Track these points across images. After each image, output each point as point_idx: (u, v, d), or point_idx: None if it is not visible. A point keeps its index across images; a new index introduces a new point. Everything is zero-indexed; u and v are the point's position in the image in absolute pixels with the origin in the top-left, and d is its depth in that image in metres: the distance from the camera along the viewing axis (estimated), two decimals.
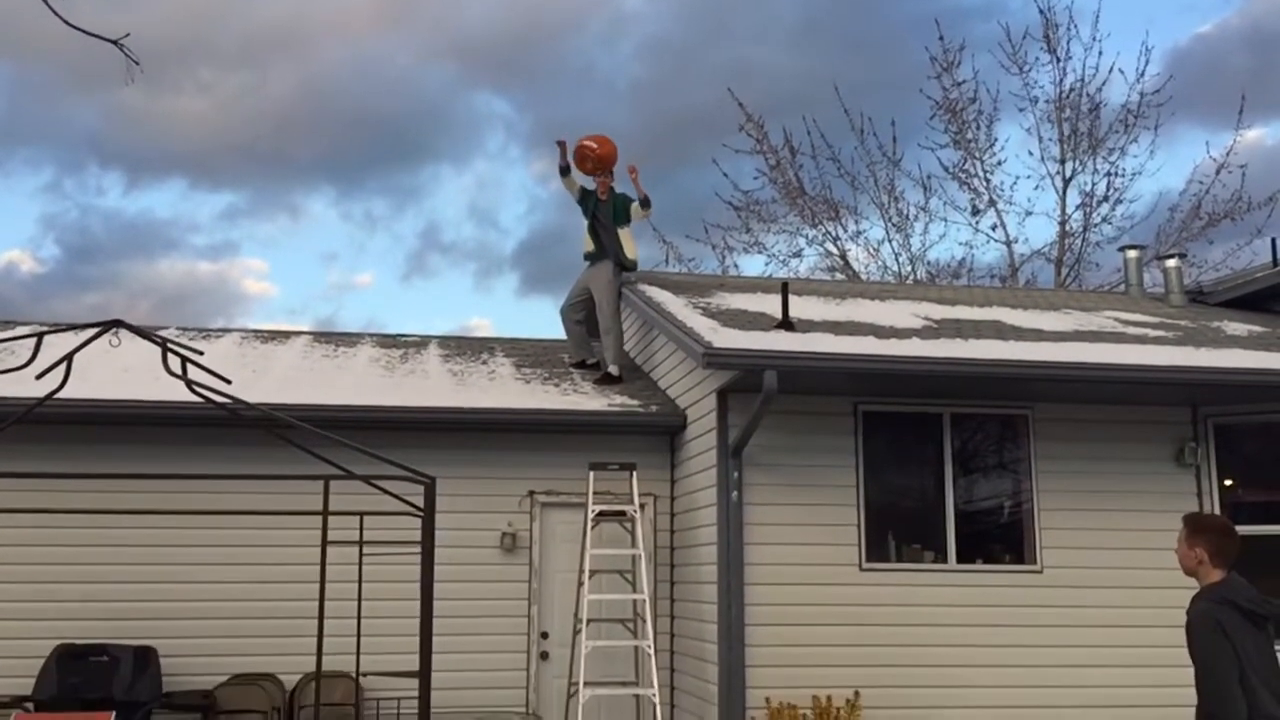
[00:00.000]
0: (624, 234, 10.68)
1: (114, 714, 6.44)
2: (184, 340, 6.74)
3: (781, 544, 8.18)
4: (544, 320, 56.21)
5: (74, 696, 7.87)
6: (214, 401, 5.55)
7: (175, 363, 5.49)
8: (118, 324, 5.56)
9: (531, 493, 9.80)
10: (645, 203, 10.65)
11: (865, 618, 8.14)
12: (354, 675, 7.30)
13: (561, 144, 10.82)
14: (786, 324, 8.24)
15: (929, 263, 20.43)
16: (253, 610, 9.03)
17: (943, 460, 8.55)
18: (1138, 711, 8.16)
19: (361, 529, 5.76)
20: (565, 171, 10.86)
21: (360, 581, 5.55)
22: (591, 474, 9.10)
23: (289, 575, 8.83)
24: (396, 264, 44.63)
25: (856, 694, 7.83)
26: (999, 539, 8.69)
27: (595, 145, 10.50)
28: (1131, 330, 9.54)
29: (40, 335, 5.56)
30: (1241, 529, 5.28)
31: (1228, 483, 8.71)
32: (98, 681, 8.15)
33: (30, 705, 7.91)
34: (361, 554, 5.46)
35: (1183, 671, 8.34)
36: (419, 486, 5.58)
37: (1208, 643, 4.67)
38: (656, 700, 8.50)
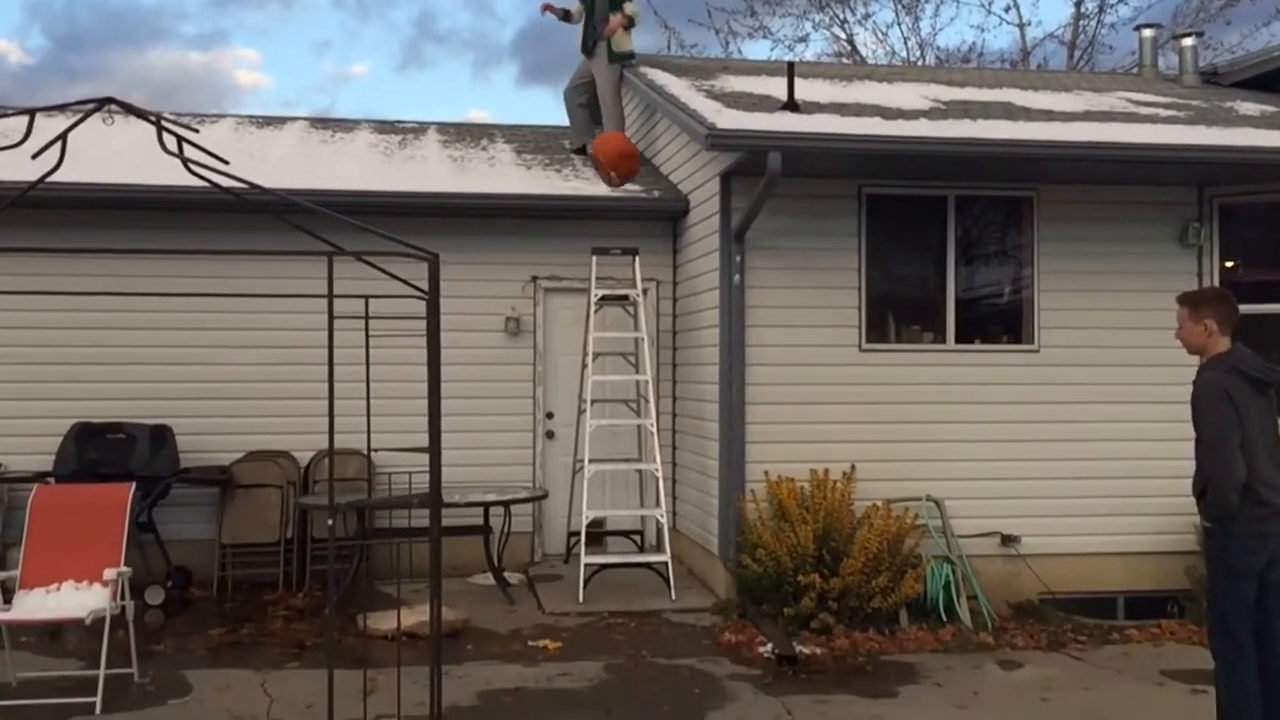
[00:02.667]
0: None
1: (134, 486, 6.68)
2: (179, 123, 6.59)
3: (782, 326, 8.27)
4: (544, 112, 55.04)
5: (93, 472, 8.12)
6: (212, 182, 5.49)
7: (171, 143, 5.40)
8: (110, 101, 5.43)
9: (534, 278, 9.87)
10: (631, 23, 10.47)
11: (863, 397, 8.30)
12: (365, 452, 7.50)
13: (547, 7, 10.84)
14: (791, 105, 8.08)
15: (938, 48, 19.98)
16: (265, 391, 9.25)
17: (945, 243, 8.53)
18: (1129, 483, 8.43)
19: (367, 309, 5.81)
20: (565, 18, 10.84)
21: (368, 363, 5.64)
22: (594, 259, 9.13)
23: (298, 358, 9.00)
24: (391, 54, 43.43)
25: (853, 467, 8.08)
26: (998, 320, 8.76)
27: (617, 180, 9.93)
28: (1143, 110, 9.36)
29: (32, 114, 5.45)
30: (1240, 308, 5.33)
31: (1229, 263, 8.73)
32: (116, 458, 8.40)
33: (52, 480, 8.17)
34: (368, 332, 5.51)
35: (1173, 445, 8.63)
36: (423, 271, 5.58)
37: (1214, 409, 4.80)
38: (659, 475, 8.78)
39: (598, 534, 9.49)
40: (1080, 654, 7.21)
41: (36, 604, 6.15)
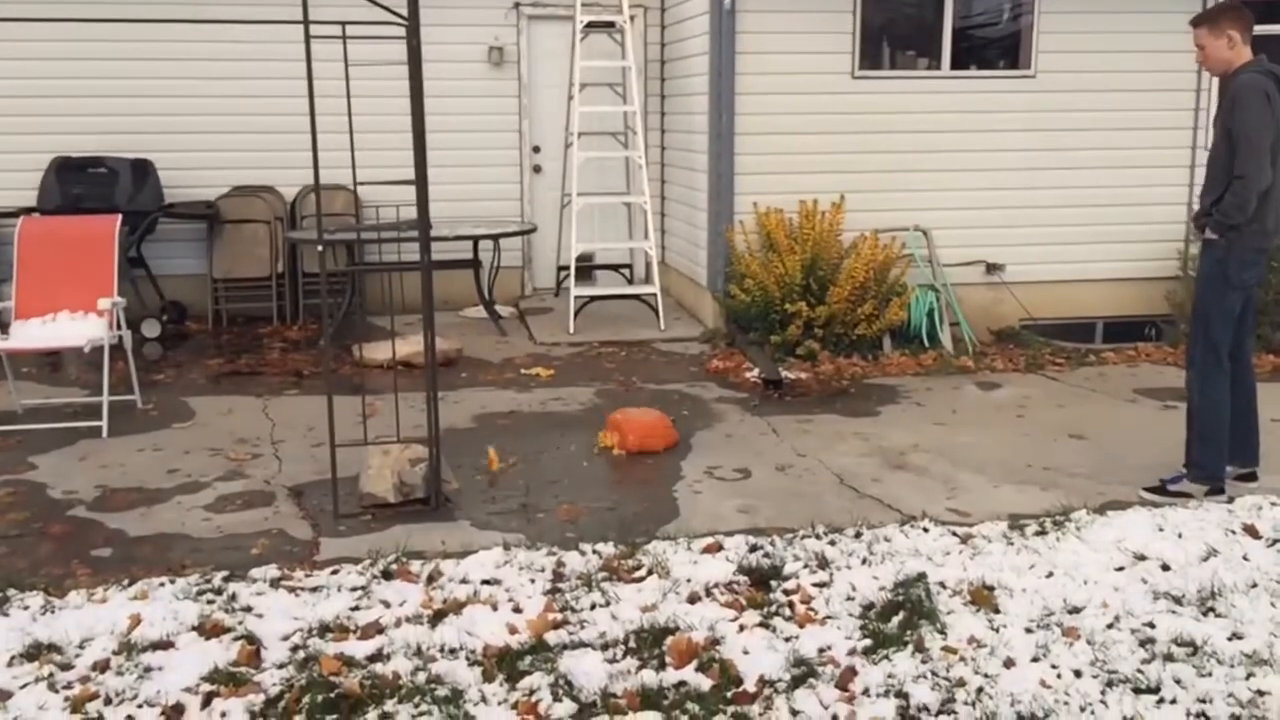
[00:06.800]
0: None
1: (120, 218, 6.63)
2: None
3: (774, 53, 8.03)
4: None
5: (77, 207, 8.04)
6: None
7: None
8: None
9: (517, 4, 9.51)
10: None
11: (855, 126, 8.17)
12: (351, 186, 7.42)
13: None
14: None
15: None
16: (246, 124, 9.04)
17: None
18: (1117, 210, 8.44)
19: (344, 34, 5.61)
20: None
21: (349, 94, 5.49)
22: None
23: (279, 89, 8.72)
24: None
25: (841, 198, 8.05)
26: (996, 46, 8.53)
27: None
28: None
29: None
30: None
31: None
32: (100, 192, 8.31)
33: (37, 214, 8.10)
34: (346, 61, 5.34)
35: (1164, 171, 8.62)
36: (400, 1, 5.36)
37: (1255, 108, 4.75)
38: (648, 208, 8.75)
39: (587, 268, 9.55)
40: (1057, 375, 7.43)
41: (34, 333, 6.22)
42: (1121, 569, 4.18)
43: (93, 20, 7.83)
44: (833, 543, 4.43)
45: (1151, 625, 3.73)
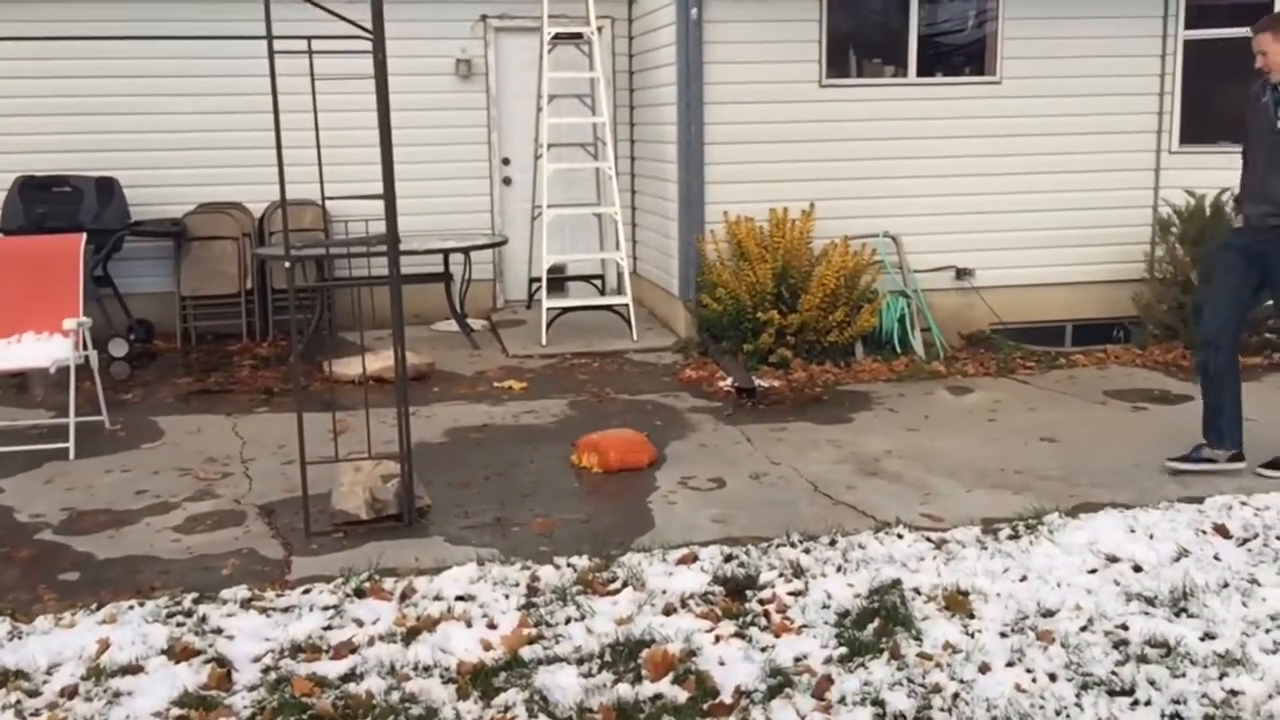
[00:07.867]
0: None
1: (84, 237, 6.56)
2: None
3: (741, 63, 8.05)
4: None
5: (41, 226, 7.95)
6: None
7: None
8: None
9: (484, 17, 9.50)
10: None
11: (823, 134, 8.20)
12: (320, 201, 7.39)
13: None
14: None
15: None
16: (213, 141, 8.98)
17: None
18: (1083, 214, 8.51)
19: (310, 49, 5.58)
20: None
21: (315, 109, 5.45)
22: None
23: (245, 105, 8.67)
24: None
25: (811, 205, 8.07)
26: (961, 53, 8.59)
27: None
28: None
29: None
30: (1208, 33, 5.30)
31: None
32: (64, 211, 8.22)
33: (0, 234, 8.01)
34: (313, 75, 5.31)
35: (1130, 175, 8.72)
36: (366, 13, 5.33)
37: None
38: (618, 218, 8.75)
39: (559, 279, 9.54)
40: (1027, 379, 7.47)
41: None
42: (1094, 571, 4.20)
43: (56, 39, 7.78)
44: (807, 551, 4.43)
45: (1125, 627, 3.75)
